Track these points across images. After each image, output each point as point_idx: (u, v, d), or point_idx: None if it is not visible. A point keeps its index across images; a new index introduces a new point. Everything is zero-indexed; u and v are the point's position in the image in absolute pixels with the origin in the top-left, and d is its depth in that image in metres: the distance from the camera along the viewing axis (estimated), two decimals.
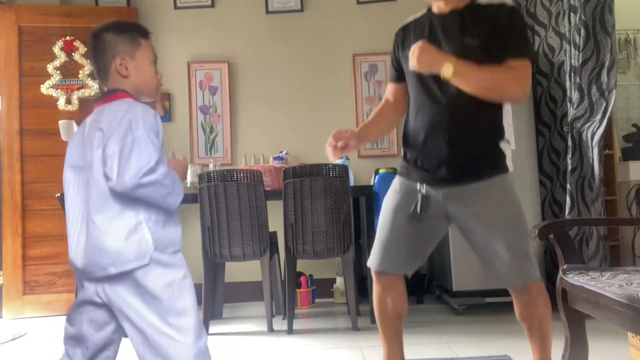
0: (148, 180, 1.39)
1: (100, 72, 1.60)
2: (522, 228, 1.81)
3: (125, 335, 1.49)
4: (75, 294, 1.53)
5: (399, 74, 1.97)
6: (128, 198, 1.42)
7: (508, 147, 1.83)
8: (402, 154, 1.94)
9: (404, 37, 1.93)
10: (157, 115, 1.51)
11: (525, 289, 1.82)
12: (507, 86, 1.70)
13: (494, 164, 1.79)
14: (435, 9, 1.85)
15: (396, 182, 1.92)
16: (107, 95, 1.56)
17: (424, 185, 1.82)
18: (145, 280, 1.43)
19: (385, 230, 1.87)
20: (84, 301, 1.49)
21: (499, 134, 1.80)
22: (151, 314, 1.44)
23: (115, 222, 1.43)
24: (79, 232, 1.47)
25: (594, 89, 3.18)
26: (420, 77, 1.81)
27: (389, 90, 2.05)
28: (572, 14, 3.29)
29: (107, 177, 1.41)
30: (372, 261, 1.91)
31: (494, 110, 1.79)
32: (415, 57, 1.69)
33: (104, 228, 1.43)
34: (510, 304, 1.90)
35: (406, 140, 1.91)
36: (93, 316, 1.50)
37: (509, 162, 1.81)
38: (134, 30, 1.62)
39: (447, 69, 1.65)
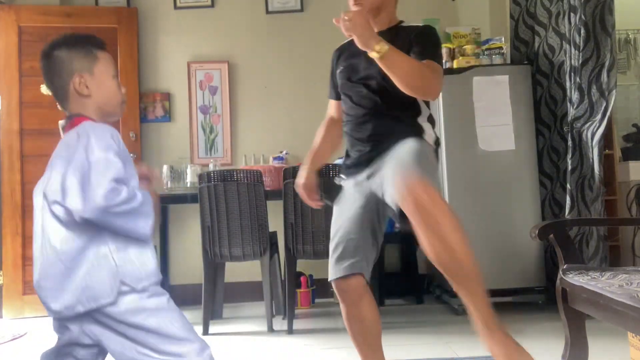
0: (120, 199, 1.27)
1: (59, 95, 1.45)
2: (414, 160, 1.70)
3: None
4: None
5: (337, 93, 2.10)
6: (90, 229, 1.30)
7: (431, 127, 1.90)
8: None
9: (339, 56, 2.08)
10: (114, 133, 1.38)
11: (407, 191, 1.60)
12: (427, 79, 1.75)
13: (407, 132, 1.83)
14: None
15: (342, 192, 1.99)
16: (68, 123, 1.43)
17: (347, 177, 1.94)
18: (124, 316, 1.32)
19: (335, 239, 1.87)
20: (69, 343, 1.39)
21: (417, 116, 1.89)
22: (143, 347, 1.33)
23: (77, 257, 1.31)
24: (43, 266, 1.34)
25: (594, 89, 3.18)
26: (348, 87, 1.96)
27: (332, 106, 2.18)
28: (572, 14, 3.29)
29: (70, 209, 1.28)
30: (329, 273, 1.86)
31: (410, 111, 1.88)
32: (351, 18, 1.66)
33: (66, 263, 1.31)
34: (511, 304, 1.91)
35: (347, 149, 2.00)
36: (79, 356, 1.40)
37: (427, 135, 1.86)
38: (87, 43, 1.47)
39: (380, 48, 1.64)
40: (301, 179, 2.03)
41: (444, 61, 2.17)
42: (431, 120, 1.94)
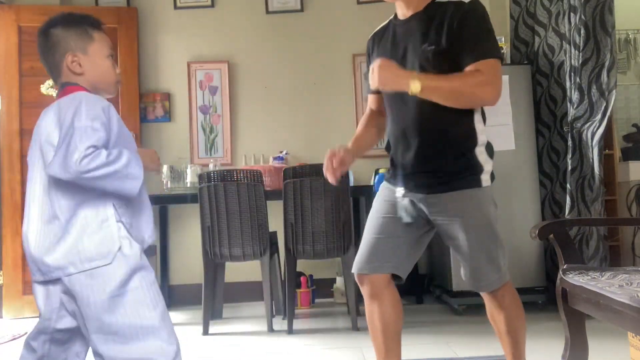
0: (95, 164, 1.29)
1: (52, 71, 1.51)
2: (488, 241, 1.77)
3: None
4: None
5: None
6: (86, 190, 1.35)
7: (489, 160, 1.76)
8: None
9: (374, 45, 1.92)
10: (106, 107, 1.41)
11: (493, 294, 1.82)
12: (478, 91, 1.66)
13: (465, 175, 1.73)
14: (399, 14, 1.82)
15: (382, 187, 1.91)
16: (61, 91, 1.47)
17: (404, 190, 1.79)
18: (108, 282, 1.36)
19: (369, 234, 1.83)
20: (46, 326, 1.42)
21: (471, 140, 1.74)
22: (115, 315, 1.36)
23: (74, 217, 1.36)
24: (38, 226, 1.39)
25: (594, 89, 3.18)
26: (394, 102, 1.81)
27: (371, 100, 2.03)
28: (572, 14, 3.29)
29: (50, 168, 1.33)
30: (354, 265, 1.83)
31: (463, 114, 1.73)
32: (375, 75, 1.62)
33: (62, 222, 1.36)
34: None
35: (388, 146, 1.90)
36: (56, 336, 1.43)
37: (484, 176, 1.74)
38: (84, 22, 1.50)
39: (415, 86, 1.59)
40: (337, 148, 1.84)
41: None
42: (488, 146, 1.78)
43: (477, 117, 1.76)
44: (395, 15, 1.85)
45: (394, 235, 1.79)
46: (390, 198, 1.83)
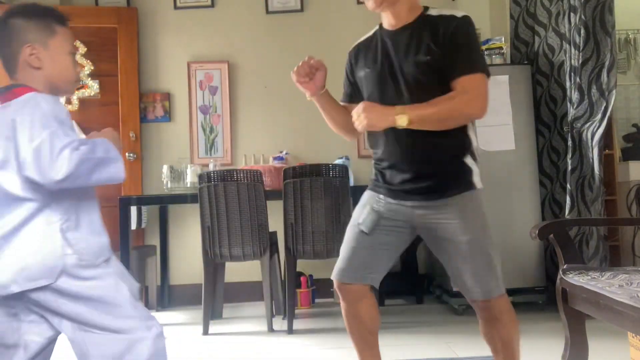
0: (79, 158, 1.24)
1: (7, 63, 1.40)
2: (487, 244, 1.76)
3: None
4: None
5: (351, 96, 1.93)
6: (45, 197, 1.29)
7: (475, 163, 1.76)
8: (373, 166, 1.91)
9: (358, 55, 1.90)
10: (62, 106, 1.37)
11: (487, 304, 1.77)
12: (465, 109, 1.66)
13: (458, 181, 1.73)
14: (386, 25, 1.81)
15: (365, 195, 1.90)
16: (7, 92, 1.37)
17: (386, 199, 1.79)
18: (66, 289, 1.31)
19: (347, 242, 1.83)
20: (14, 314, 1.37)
21: (463, 147, 1.75)
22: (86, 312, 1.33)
23: (18, 231, 1.30)
24: None
25: (594, 89, 3.18)
26: (380, 90, 1.77)
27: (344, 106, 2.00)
28: (572, 14, 3.29)
29: (38, 177, 1.25)
30: (336, 272, 1.83)
31: (446, 138, 1.72)
32: (362, 118, 1.62)
33: (5, 237, 1.29)
34: (511, 304, 1.90)
35: (374, 154, 1.89)
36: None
37: (476, 178, 1.75)
38: (48, 15, 1.42)
39: (402, 120, 1.60)
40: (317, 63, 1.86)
41: None
42: (474, 150, 1.78)
43: (470, 125, 1.77)
44: (381, 25, 1.84)
45: (375, 244, 1.79)
46: (374, 206, 1.82)
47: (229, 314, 3.77)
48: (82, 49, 4.09)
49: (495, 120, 3.49)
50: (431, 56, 1.68)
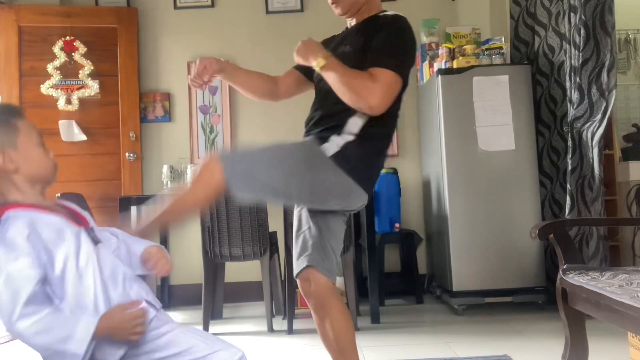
0: (30, 329, 1.16)
1: None
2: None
3: None
4: None
5: (307, 69, 1.98)
6: None
7: (339, 138, 1.75)
8: None
9: (324, 43, 2.00)
10: (30, 232, 1.24)
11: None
12: (363, 92, 1.67)
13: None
14: (348, 24, 1.98)
15: None
16: None
17: None
18: None
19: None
20: None
21: (340, 125, 1.77)
22: None
23: None
24: None
25: (594, 89, 3.18)
26: (318, 76, 1.86)
27: (288, 71, 2.19)
28: (572, 14, 3.29)
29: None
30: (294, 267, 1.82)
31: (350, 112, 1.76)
32: (296, 47, 1.79)
33: None
34: (511, 304, 1.90)
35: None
36: None
37: (328, 146, 1.74)
38: (6, 114, 1.37)
39: (316, 62, 1.72)
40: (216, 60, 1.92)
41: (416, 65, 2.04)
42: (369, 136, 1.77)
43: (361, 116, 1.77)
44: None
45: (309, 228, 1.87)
46: None
47: (229, 314, 3.77)
48: (82, 49, 4.09)
49: (495, 120, 3.49)
50: (352, 48, 1.79)
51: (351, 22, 1.95)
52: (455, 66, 3.58)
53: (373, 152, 1.80)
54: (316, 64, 1.72)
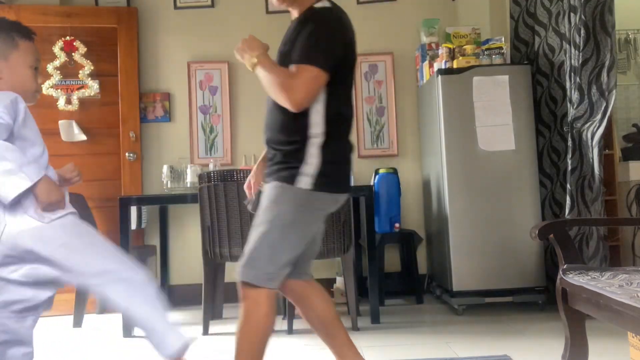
0: None
1: None
2: (262, 238, 1.75)
3: None
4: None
5: None
6: None
7: (319, 155, 1.72)
8: None
9: None
10: (14, 98, 1.47)
11: (241, 289, 1.82)
12: (283, 91, 1.67)
13: (284, 168, 1.76)
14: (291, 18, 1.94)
15: None
16: None
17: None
18: None
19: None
20: None
21: (303, 132, 1.74)
22: None
23: None
24: None
25: (594, 89, 3.18)
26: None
27: None
28: (572, 14, 3.29)
29: None
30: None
31: (288, 115, 1.75)
32: (238, 45, 1.78)
33: None
34: (511, 304, 1.90)
35: None
36: None
37: (304, 177, 1.72)
38: (12, 29, 1.51)
39: (249, 61, 1.73)
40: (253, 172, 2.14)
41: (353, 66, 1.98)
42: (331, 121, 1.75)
43: (318, 109, 1.75)
44: None
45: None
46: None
47: (229, 314, 3.76)
48: (82, 49, 4.09)
49: (495, 120, 3.49)
50: (288, 46, 1.78)
51: (293, 16, 1.92)
52: (455, 66, 3.58)
53: (340, 160, 1.82)
54: (248, 63, 1.73)
